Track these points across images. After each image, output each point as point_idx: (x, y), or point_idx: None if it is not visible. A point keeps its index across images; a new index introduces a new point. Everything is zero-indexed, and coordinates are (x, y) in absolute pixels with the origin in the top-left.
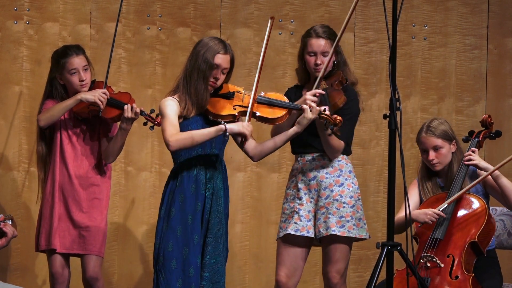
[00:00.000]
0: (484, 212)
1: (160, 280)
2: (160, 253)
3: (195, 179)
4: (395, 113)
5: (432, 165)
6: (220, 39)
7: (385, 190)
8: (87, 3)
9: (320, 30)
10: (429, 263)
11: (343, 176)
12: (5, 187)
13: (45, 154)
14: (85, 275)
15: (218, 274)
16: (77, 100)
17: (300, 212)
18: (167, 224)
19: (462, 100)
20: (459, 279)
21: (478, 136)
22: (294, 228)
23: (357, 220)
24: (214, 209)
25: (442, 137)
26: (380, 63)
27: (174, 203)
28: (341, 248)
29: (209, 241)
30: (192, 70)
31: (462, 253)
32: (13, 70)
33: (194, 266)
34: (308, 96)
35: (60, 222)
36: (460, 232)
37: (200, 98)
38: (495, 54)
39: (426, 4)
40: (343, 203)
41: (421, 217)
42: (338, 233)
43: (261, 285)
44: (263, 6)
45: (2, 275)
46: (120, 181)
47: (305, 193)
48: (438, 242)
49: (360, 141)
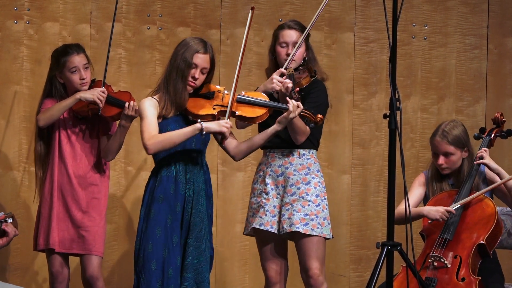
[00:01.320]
0: (494, 214)
1: (141, 281)
2: (140, 254)
3: (175, 179)
4: (395, 113)
5: (441, 169)
6: (202, 39)
7: (385, 190)
8: (87, 3)
9: (291, 23)
10: (436, 263)
11: (311, 175)
12: (5, 187)
13: (44, 153)
14: (85, 275)
15: (201, 274)
16: (76, 99)
17: (266, 207)
18: (146, 224)
19: (462, 100)
20: (465, 281)
21: (490, 134)
22: (259, 222)
23: (322, 219)
24: (195, 210)
25: (455, 144)
26: (380, 63)
27: (153, 203)
28: (314, 243)
29: (191, 241)
30: (171, 69)
31: (469, 255)
32: (13, 69)
33: (174, 267)
34: (274, 76)
35: (59, 221)
36: (468, 233)
37: (179, 98)
38: (495, 54)
39: (426, 3)
40: (308, 201)
41: (433, 213)
42: (301, 230)
43: (261, 284)
44: (263, 6)
45: (2, 275)
46: (120, 180)
47: (272, 188)
48: (447, 242)
49: (360, 140)
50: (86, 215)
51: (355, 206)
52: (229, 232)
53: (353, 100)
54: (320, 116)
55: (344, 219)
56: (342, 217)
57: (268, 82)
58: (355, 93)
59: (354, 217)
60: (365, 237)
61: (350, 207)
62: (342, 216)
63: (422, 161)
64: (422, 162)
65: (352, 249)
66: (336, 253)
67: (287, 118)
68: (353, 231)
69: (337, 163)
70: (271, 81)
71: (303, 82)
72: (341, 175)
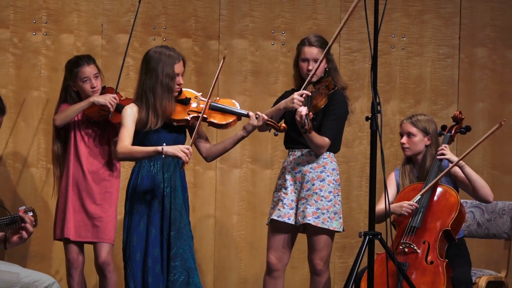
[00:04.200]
0: (457, 203)
1: (127, 270)
2: (126, 246)
3: (153, 179)
4: (376, 116)
5: (403, 149)
6: (168, 48)
7: (367, 184)
8: (99, 17)
9: (313, 39)
10: (407, 249)
11: (326, 173)
12: (26, 182)
13: (61, 152)
14: (98, 261)
15: (188, 261)
16: (90, 103)
17: (284, 200)
18: (131, 219)
19: (436, 104)
20: (434, 264)
21: (451, 130)
22: (277, 215)
23: (333, 214)
24: (173, 206)
25: (418, 128)
26: (362, 71)
27: (135, 200)
28: (323, 238)
29: (173, 234)
30: (154, 85)
31: (436, 240)
32: (32, 76)
33: (151, 257)
34: (295, 96)
35: (75, 213)
36: (435, 220)
37: (168, 110)
38: (466, 63)
39: (404, 17)
40: (321, 196)
41: (397, 209)
42: (312, 222)
43: (255, 269)
44: (257, 19)
45: (23, 262)
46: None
47: (290, 184)
48: (415, 230)
49: (345, 140)
50: (99, 207)
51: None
52: (226, 223)
53: None
54: (283, 125)
55: None
56: None
57: (289, 101)
58: None
59: None
60: (348, 227)
61: None
62: None
63: (400, 159)
64: (400, 160)
65: (337, 238)
66: None
67: (252, 125)
68: None
69: None
70: (291, 100)
71: (319, 105)
72: None
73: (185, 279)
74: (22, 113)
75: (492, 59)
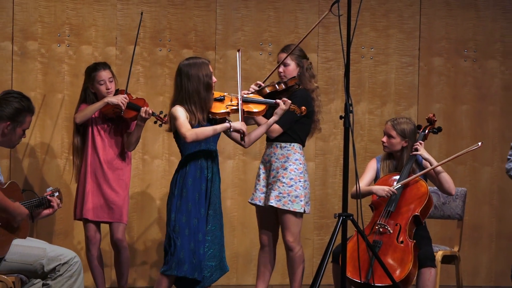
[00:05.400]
0: (426, 193)
1: (177, 244)
2: (176, 224)
3: (200, 167)
4: (348, 115)
5: (383, 146)
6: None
7: (341, 173)
8: (114, 31)
9: (284, 47)
10: (382, 229)
11: (288, 162)
12: (51, 171)
13: (80, 145)
14: (113, 238)
15: (217, 237)
16: (105, 103)
17: (257, 186)
18: (180, 201)
19: (400, 105)
20: (404, 243)
21: (425, 130)
22: (251, 198)
23: (294, 197)
24: (212, 189)
25: (398, 132)
26: (337, 77)
27: (185, 185)
28: (288, 218)
29: (211, 213)
30: (197, 87)
31: (407, 223)
32: (57, 81)
33: (202, 232)
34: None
35: (93, 197)
36: (407, 206)
37: (210, 105)
38: (425, 70)
39: (372, 31)
40: (283, 182)
41: (380, 191)
42: (275, 205)
43: (246, 246)
44: (248, 33)
45: (49, 238)
46: (139, 166)
47: (262, 172)
48: (390, 213)
49: (322, 136)
50: (114, 192)
51: (318, 186)
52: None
53: None
54: (304, 107)
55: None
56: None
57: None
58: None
59: (317, 194)
60: (325, 209)
61: (314, 186)
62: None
63: (369, 151)
64: (369, 152)
65: (315, 219)
66: (304, 221)
67: (282, 109)
68: (316, 205)
69: (305, 153)
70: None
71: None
72: (307, 162)
73: (213, 253)
74: (47, 112)
75: (447, 67)
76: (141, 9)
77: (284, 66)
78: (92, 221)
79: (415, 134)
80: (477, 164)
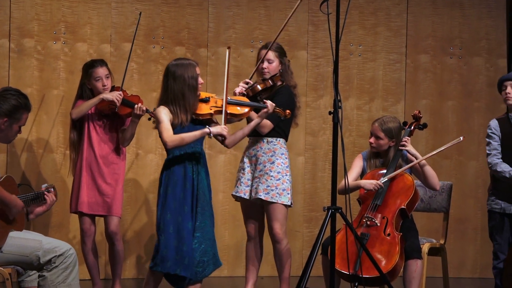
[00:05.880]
0: (412, 187)
1: (161, 241)
2: (160, 222)
3: (184, 167)
4: (337, 110)
5: (370, 146)
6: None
7: (330, 167)
8: (108, 28)
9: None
10: (369, 222)
11: (275, 156)
12: (48, 165)
13: (76, 140)
14: (107, 231)
15: (207, 233)
16: (100, 99)
17: (241, 179)
18: (165, 200)
19: (387, 101)
20: (390, 236)
21: (411, 126)
22: (235, 191)
23: (281, 190)
24: (199, 187)
25: (385, 133)
26: (326, 73)
27: (169, 184)
28: (277, 208)
29: (199, 209)
30: (182, 88)
31: (394, 216)
32: (53, 78)
33: (186, 230)
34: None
35: (88, 190)
36: (393, 200)
37: (194, 107)
38: (412, 67)
39: (361, 29)
40: (271, 176)
41: (368, 185)
42: (263, 197)
43: (237, 238)
44: (239, 31)
45: (45, 231)
46: (133, 160)
47: (247, 166)
48: (377, 207)
49: (312, 131)
50: (109, 186)
51: (308, 180)
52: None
53: (306, 101)
54: (288, 111)
55: (300, 189)
56: (298, 188)
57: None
58: (308, 95)
59: (306, 188)
60: (314, 202)
61: (304, 180)
62: (298, 187)
63: (357, 146)
64: (357, 147)
65: (305, 212)
66: (293, 214)
67: (266, 112)
68: (306, 198)
69: (295, 148)
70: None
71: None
72: (297, 157)
73: (205, 248)
74: (43, 108)
75: (433, 64)
76: (135, 7)
77: (268, 63)
78: (87, 214)
79: (401, 131)
80: (463, 159)
